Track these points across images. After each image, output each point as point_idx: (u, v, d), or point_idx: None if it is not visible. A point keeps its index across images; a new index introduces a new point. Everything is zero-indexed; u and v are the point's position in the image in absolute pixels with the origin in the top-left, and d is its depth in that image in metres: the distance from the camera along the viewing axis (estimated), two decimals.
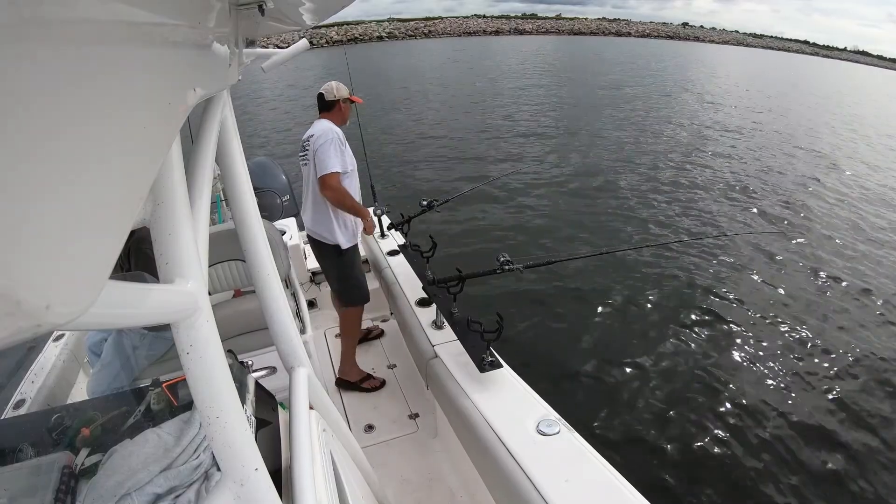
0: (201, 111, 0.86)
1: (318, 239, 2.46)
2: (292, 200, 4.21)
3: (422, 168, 8.69)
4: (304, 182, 2.46)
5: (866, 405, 3.32)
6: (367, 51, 46.08)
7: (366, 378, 2.63)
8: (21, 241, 0.20)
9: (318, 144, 2.23)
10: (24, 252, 0.20)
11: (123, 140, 0.31)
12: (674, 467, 2.79)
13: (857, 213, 7.10)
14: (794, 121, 14.27)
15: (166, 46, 0.43)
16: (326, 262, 2.55)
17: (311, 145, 2.27)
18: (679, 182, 7.99)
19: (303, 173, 2.44)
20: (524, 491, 1.33)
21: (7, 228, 0.19)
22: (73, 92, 0.24)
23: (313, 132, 2.30)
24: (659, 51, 46.99)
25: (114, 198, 0.30)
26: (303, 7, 0.98)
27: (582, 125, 12.23)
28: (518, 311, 4.19)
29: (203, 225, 0.71)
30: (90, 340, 1.92)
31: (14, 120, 0.19)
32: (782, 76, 31.35)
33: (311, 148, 2.27)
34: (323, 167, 2.23)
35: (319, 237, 2.44)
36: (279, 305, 1.08)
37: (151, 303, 0.50)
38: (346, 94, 2.41)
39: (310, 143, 2.29)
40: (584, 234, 5.95)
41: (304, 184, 2.46)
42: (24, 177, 0.20)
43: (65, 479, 0.88)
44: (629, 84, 20.66)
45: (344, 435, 1.29)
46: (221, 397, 0.64)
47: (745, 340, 3.95)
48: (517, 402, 1.65)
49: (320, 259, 2.59)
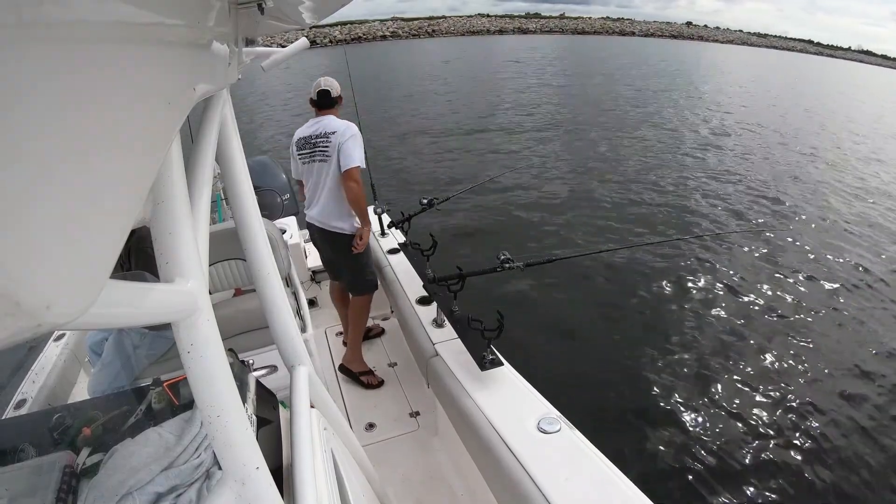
0: (201, 110, 0.86)
1: (334, 231, 2.45)
2: (292, 199, 4.20)
3: (422, 166, 8.69)
4: (311, 177, 2.43)
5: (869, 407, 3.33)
6: (370, 50, 46.01)
7: (367, 373, 2.64)
8: (21, 241, 0.20)
9: (344, 138, 2.28)
10: (25, 252, 0.20)
11: (123, 139, 0.31)
12: (674, 465, 2.79)
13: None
14: (804, 123, 14.25)
15: (166, 45, 0.42)
16: (342, 255, 2.53)
17: (332, 140, 2.30)
18: (680, 181, 7.99)
19: (309, 169, 2.41)
20: (525, 489, 1.33)
21: (7, 228, 0.19)
22: (73, 91, 0.24)
23: (333, 128, 2.32)
24: (661, 50, 46.87)
25: (114, 197, 0.30)
26: (302, 6, 0.98)
27: (584, 124, 12.22)
28: (519, 309, 4.19)
29: (203, 224, 0.71)
30: (91, 340, 1.92)
31: (14, 119, 0.19)
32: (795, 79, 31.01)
33: (333, 142, 2.30)
34: (350, 160, 2.27)
35: (337, 229, 2.44)
36: (280, 304, 1.08)
37: (152, 302, 0.50)
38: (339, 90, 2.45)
39: (331, 139, 2.31)
40: (584, 232, 5.95)
41: (312, 179, 2.43)
42: (24, 177, 0.20)
43: (66, 478, 0.88)
44: (631, 85, 20.62)
45: (345, 433, 1.29)
46: (222, 396, 0.64)
47: (747, 338, 3.95)
48: (518, 400, 1.65)
49: (335, 252, 2.57)
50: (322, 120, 2.37)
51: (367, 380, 2.62)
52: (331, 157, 2.31)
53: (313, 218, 2.50)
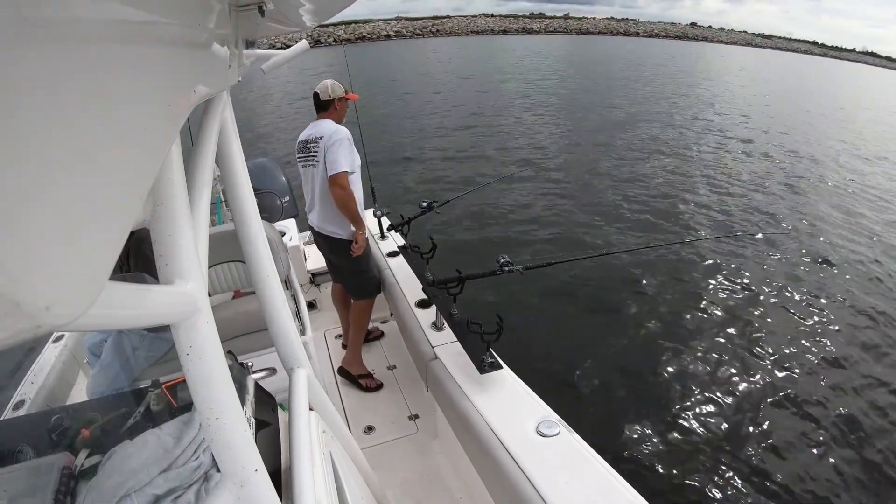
0: (201, 112, 0.87)
1: (330, 236, 2.45)
2: (292, 201, 4.20)
3: (422, 169, 8.70)
4: (307, 182, 2.45)
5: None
6: (373, 49, 46.09)
7: (366, 376, 2.64)
8: (21, 242, 0.20)
9: (329, 143, 2.26)
10: (24, 253, 0.20)
11: (123, 141, 0.31)
12: (673, 468, 2.79)
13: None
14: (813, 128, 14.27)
15: (166, 47, 0.43)
16: (341, 259, 2.52)
17: (320, 145, 2.29)
18: (680, 184, 8.00)
19: (305, 174, 2.43)
20: (524, 492, 1.33)
21: (7, 229, 0.19)
22: (73, 92, 0.24)
23: (321, 132, 2.30)
24: (664, 51, 46.89)
25: (114, 199, 0.30)
26: (303, 8, 0.98)
27: (583, 126, 12.24)
28: (518, 312, 4.19)
29: (203, 226, 0.71)
30: (90, 341, 1.92)
31: (13, 120, 0.19)
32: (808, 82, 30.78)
33: (321, 147, 2.29)
34: (334, 166, 2.25)
35: (333, 234, 2.44)
36: (279, 306, 1.08)
37: (151, 304, 0.50)
38: (342, 92, 2.40)
39: (319, 143, 2.30)
40: (584, 235, 5.96)
41: (307, 184, 2.45)
42: (24, 177, 0.20)
43: (64, 480, 0.88)
44: (634, 84, 20.67)
45: (344, 436, 1.29)
46: (221, 398, 0.64)
47: (746, 341, 3.95)
48: (517, 403, 1.64)
49: (333, 256, 2.57)
50: (318, 124, 2.36)
51: (366, 383, 2.62)
52: (319, 162, 2.31)
53: (312, 222, 2.51)
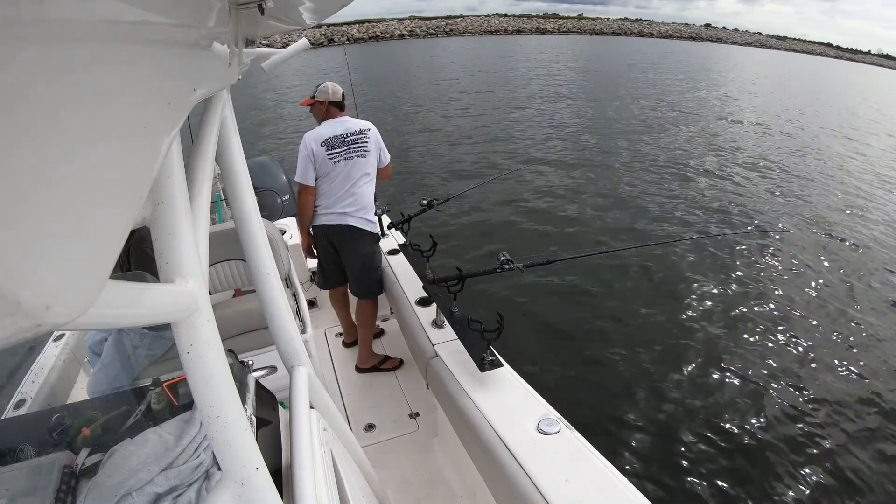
0: (201, 111, 0.86)
1: (361, 227, 2.50)
2: (292, 200, 4.20)
3: (422, 167, 8.69)
4: (338, 175, 2.44)
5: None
6: (379, 49, 45.91)
7: (383, 360, 2.76)
8: (21, 241, 0.20)
9: (377, 135, 2.53)
10: (24, 252, 0.20)
11: (123, 140, 0.31)
12: (675, 466, 2.79)
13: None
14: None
15: (166, 46, 0.43)
16: (363, 251, 2.57)
17: (370, 136, 2.50)
18: (684, 181, 7.98)
19: (342, 167, 2.43)
20: (524, 490, 1.33)
21: (7, 228, 0.19)
22: (73, 91, 0.24)
23: (361, 126, 2.49)
24: (676, 51, 46.59)
25: (114, 197, 0.30)
26: (303, 7, 0.98)
27: (585, 123, 12.22)
28: (518, 310, 4.19)
29: (203, 224, 0.71)
30: (90, 340, 1.92)
31: (14, 119, 0.19)
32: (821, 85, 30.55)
33: (370, 138, 2.50)
34: (386, 156, 2.60)
35: (365, 225, 2.52)
36: (279, 305, 1.08)
37: (151, 302, 0.50)
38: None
39: (367, 135, 2.49)
40: (585, 232, 5.95)
41: (337, 177, 2.44)
42: (24, 176, 0.20)
43: (65, 478, 0.88)
44: (635, 85, 20.64)
45: (344, 434, 1.29)
46: (222, 397, 0.64)
47: (750, 341, 3.95)
48: (517, 401, 1.65)
49: (355, 249, 2.56)
50: (345, 120, 2.49)
51: (389, 365, 2.74)
52: (370, 152, 2.49)
53: (332, 216, 2.48)
